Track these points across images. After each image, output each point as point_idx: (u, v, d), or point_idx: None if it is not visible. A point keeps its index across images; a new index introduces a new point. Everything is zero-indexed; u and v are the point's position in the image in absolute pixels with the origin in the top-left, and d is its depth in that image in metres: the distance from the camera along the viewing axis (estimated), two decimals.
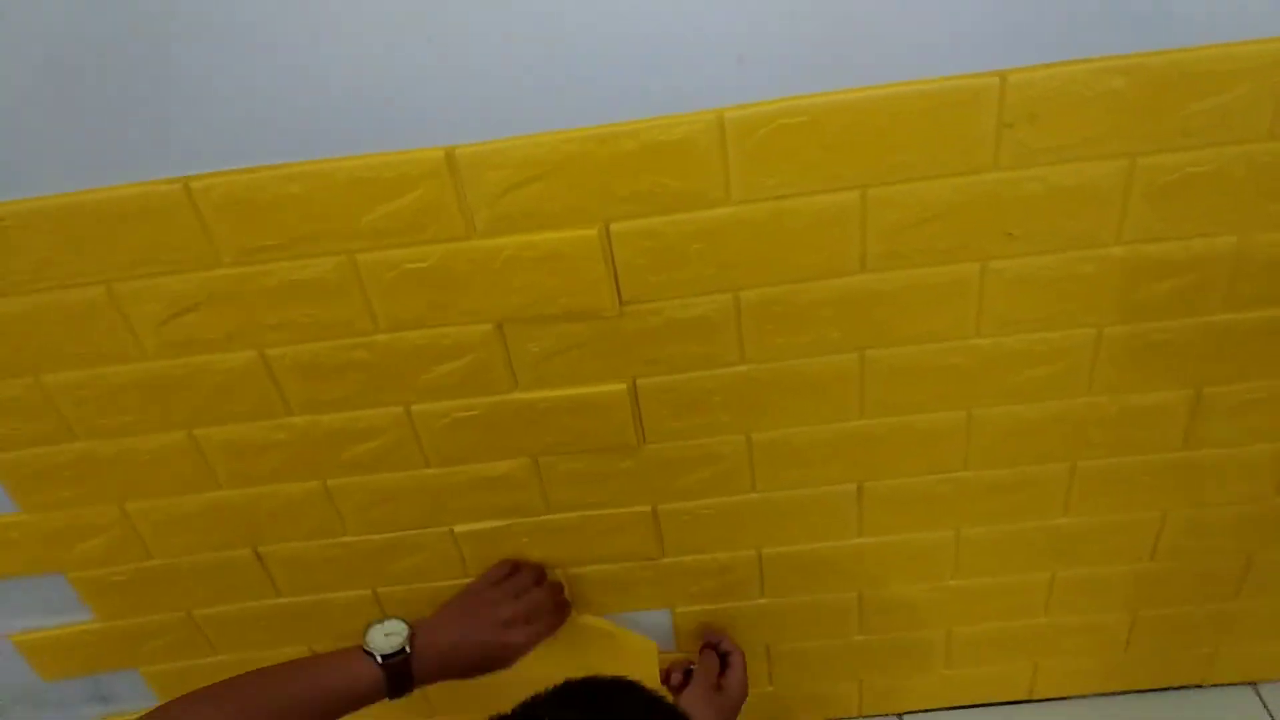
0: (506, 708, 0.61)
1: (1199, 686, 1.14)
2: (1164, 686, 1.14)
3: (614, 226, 0.76)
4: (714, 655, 1.03)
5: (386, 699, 0.86)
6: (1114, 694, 1.15)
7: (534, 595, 0.93)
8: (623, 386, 0.84)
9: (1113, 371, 0.85)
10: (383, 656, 0.83)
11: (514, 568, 0.96)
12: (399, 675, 0.84)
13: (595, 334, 0.81)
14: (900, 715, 1.17)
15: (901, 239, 0.77)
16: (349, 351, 0.81)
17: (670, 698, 0.91)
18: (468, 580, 1.00)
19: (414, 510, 0.93)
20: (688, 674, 1.01)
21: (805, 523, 0.96)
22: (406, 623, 0.88)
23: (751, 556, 0.99)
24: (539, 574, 0.97)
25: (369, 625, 0.87)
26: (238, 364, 0.82)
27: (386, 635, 0.86)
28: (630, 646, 1.07)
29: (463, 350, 0.82)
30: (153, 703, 1.10)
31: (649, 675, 1.07)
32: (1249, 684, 1.14)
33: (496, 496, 0.92)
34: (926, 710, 1.17)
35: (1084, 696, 1.15)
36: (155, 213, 0.73)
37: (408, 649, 0.85)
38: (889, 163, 0.73)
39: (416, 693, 0.86)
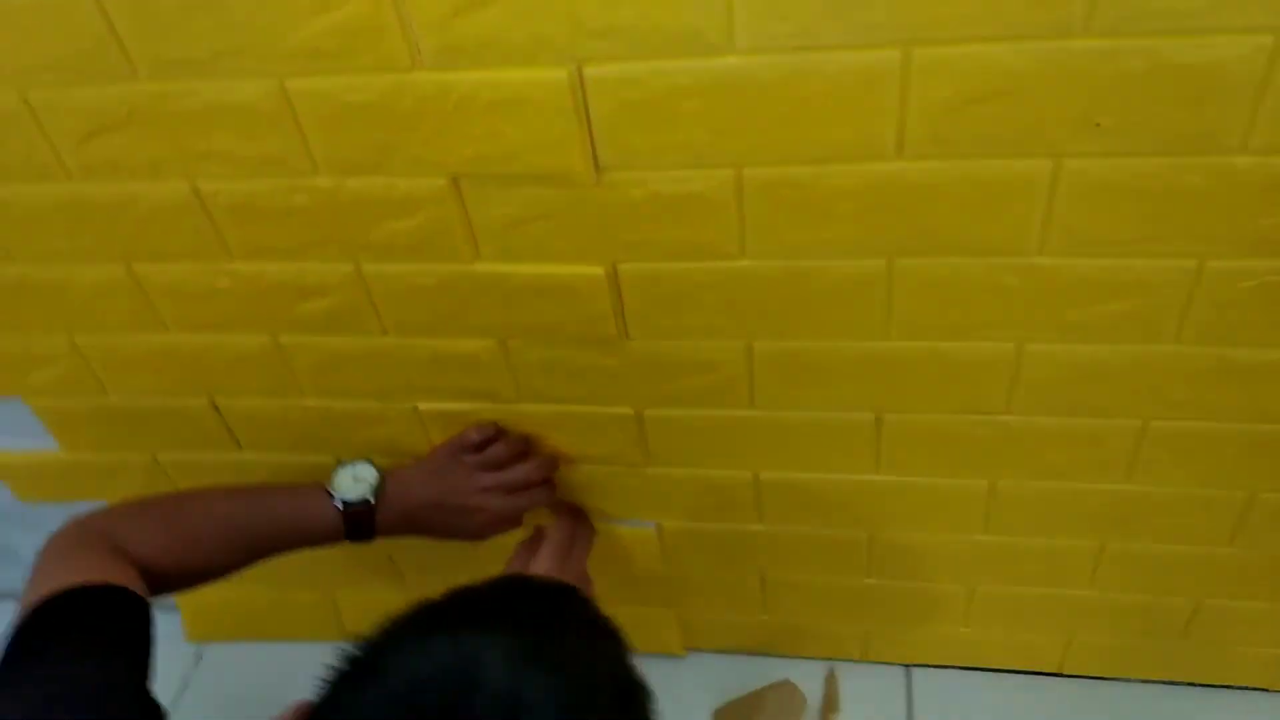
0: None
1: (1262, 690, 0.98)
2: (1219, 683, 0.99)
3: (587, 70, 0.61)
4: (569, 524, 0.87)
5: (335, 544, 0.80)
6: (1157, 682, 1.00)
7: (517, 470, 0.84)
8: (600, 270, 0.71)
9: (1212, 316, 0.67)
10: (344, 503, 0.78)
11: (499, 432, 0.85)
12: (359, 523, 0.79)
13: (568, 204, 0.68)
14: (908, 666, 1.06)
15: (952, 119, 0.60)
16: (288, 195, 0.71)
17: None
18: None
19: (373, 380, 0.84)
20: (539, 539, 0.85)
21: (811, 450, 0.83)
22: (378, 469, 0.80)
23: (747, 478, 0.87)
24: (525, 446, 0.86)
25: (339, 463, 0.81)
26: (168, 195, 0.72)
27: (355, 480, 0.79)
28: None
29: (415, 205, 0.70)
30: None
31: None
32: None
33: (463, 377, 0.82)
34: (938, 666, 1.05)
35: (1123, 680, 1.01)
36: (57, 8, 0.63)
37: (372, 500, 0.79)
38: (942, 12, 0.56)
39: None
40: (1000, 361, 0.73)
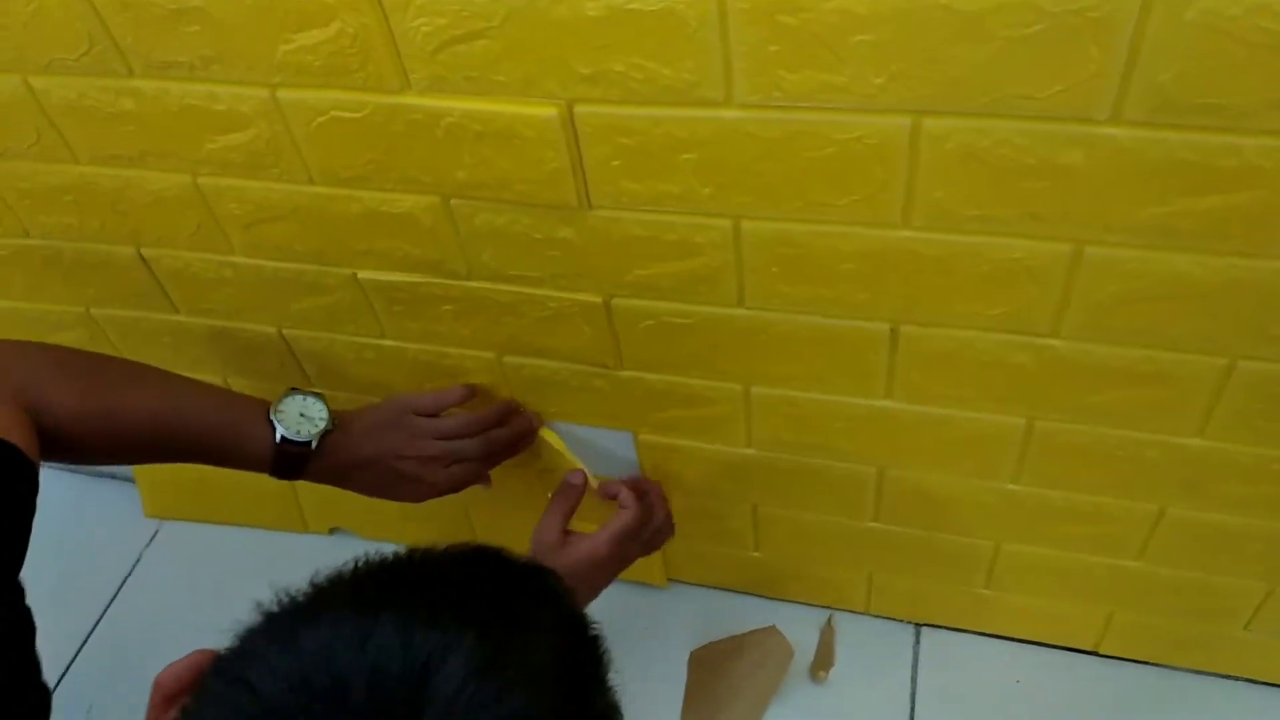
0: None
1: None
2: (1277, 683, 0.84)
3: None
4: (649, 512, 0.80)
5: (257, 471, 0.71)
6: (1202, 673, 0.85)
7: (466, 444, 0.76)
8: (553, 111, 0.57)
9: None
10: (284, 438, 0.69)
11: (467, 397, 0.78)
12: (290, 464, 0.71)
13: (512, 26, 0.54)
14: (918, 625, 0.92)
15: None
16: None
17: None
18: (386, 343, 0.80)
19: (306, 239, 0.72)
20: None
21: (808, 363, 0.69)
22: (330, 413, 0.72)
23: (736, 392, 0.73)
24: (493, 418, 0.78)
25: (291, 391, 0.73)
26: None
27: (302, 415, 0.71)
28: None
29: (330, 13, 0.56)
30: None
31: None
32: None
33: (404, 243, 0.70)
34: (951, 628, 0.91)
35: (1167, 667, 0.86)
36: None
37: (314, 445, 0.70)
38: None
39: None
40: (1053, 265, 0.57)
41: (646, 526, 0.80)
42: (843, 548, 0.85)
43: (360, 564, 0.43)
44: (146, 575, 1.07)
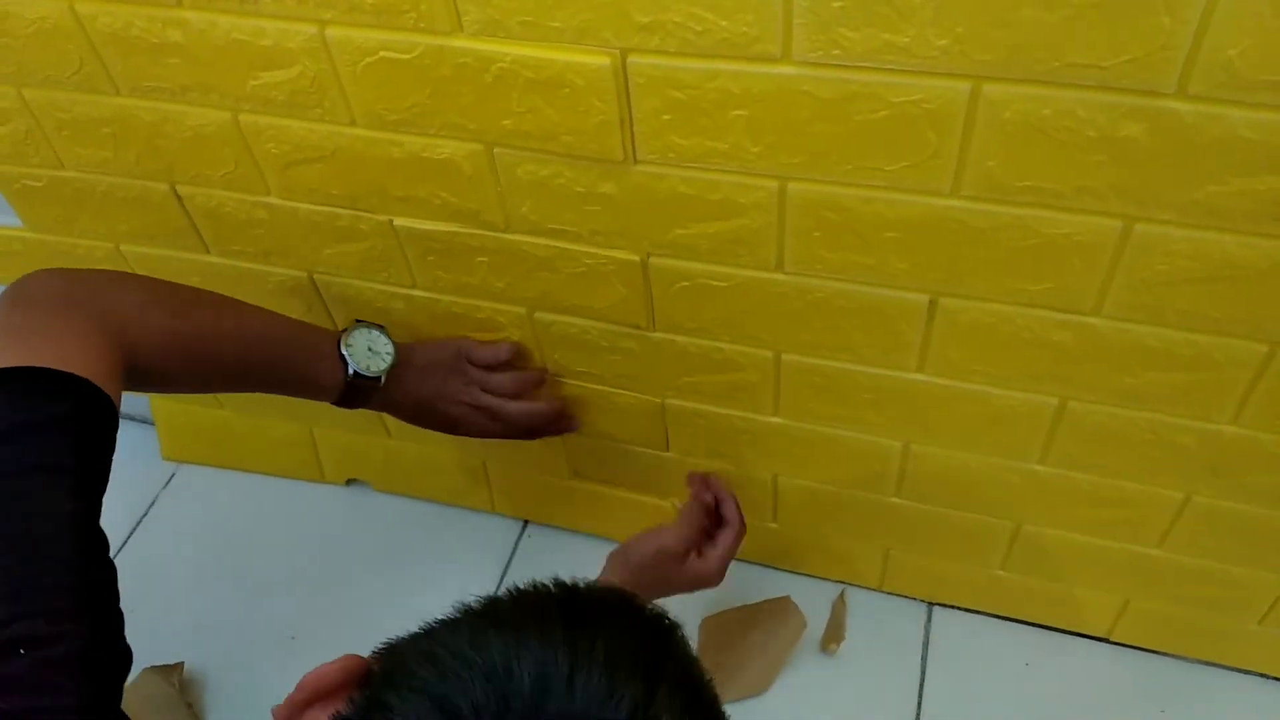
0: None
1: None
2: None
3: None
4: (702, 512, 0.80)
5: (323, 400, 0.74)
6: (1211, 665, 0.86)
7: (512, 406, 0.80)
8: (606, 60, 0.57)
9: None
10: (355, 373, 0.72)
11: (517, 355, 0.81)
12: (358, 394, 0.74)
13: None
14: (931, 605, 0.92)
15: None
16: None
17: None
18: (416, 294, 0.79)
19: (343, 182, 0.72)
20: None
21: (842, 331, 0.68)
22: (396, 347, 0.75)
23: (766, 358, 0.73)
24: (535, 380, 0.82)
25: (355, 324, 0.75)
26: None
27: (370, 350, 0.74)
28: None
29: None
30: None
31: None
32: None
33: (443, 191, 0.69)
34: (964, 609, 0.91)
35: (1177, 657, 0.86)
36: None
37: (383, 379, 0.74)
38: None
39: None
40: (1102, 242, 0.57)
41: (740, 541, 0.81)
42: (862, 522, 0.85)
43: (530, 591, 0.43)
44: (161, 518, 1.07)
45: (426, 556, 1.00)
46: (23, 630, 0.47)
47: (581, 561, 0.65)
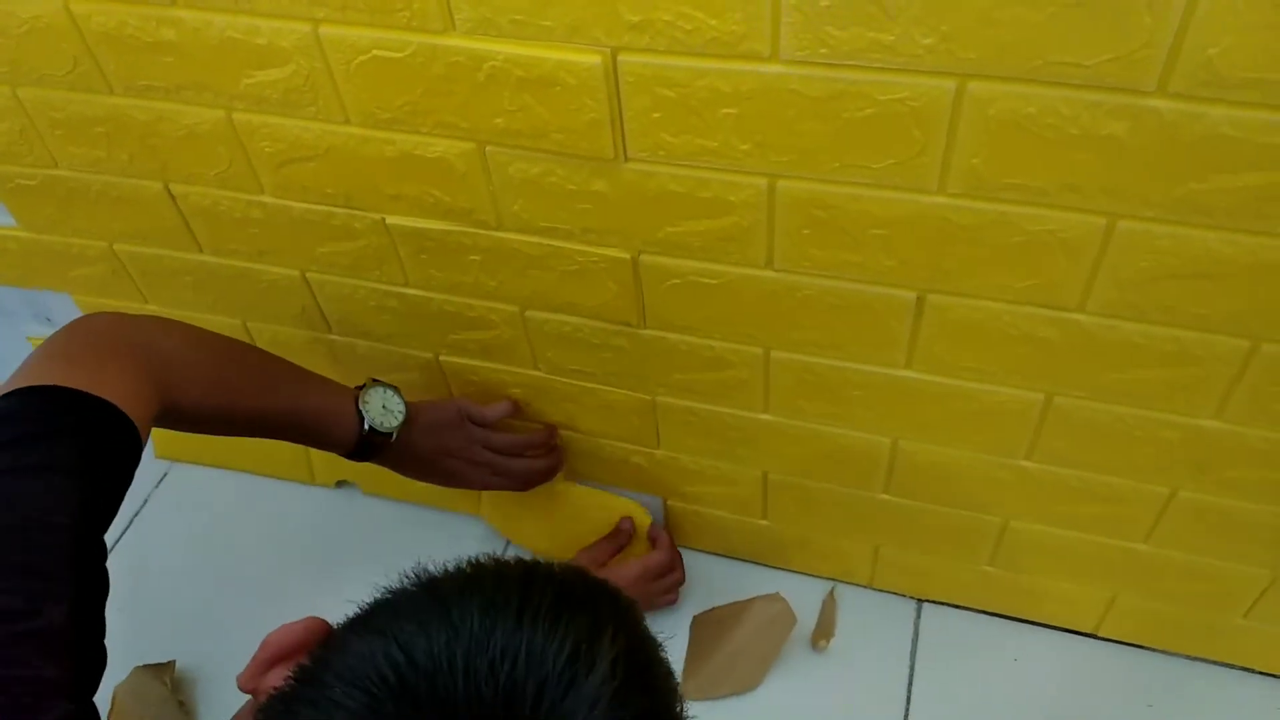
0: None
1: None
2: (1272, 672, 0.85)
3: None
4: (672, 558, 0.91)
5: (337, 453, 0.78)
6: (1197, 659, 0.87)
7: (514, 464, 0.86)
8: (597, 58, 0.57)
9: None
10: (370, 428, 0.76)
11: (515, 413, 0.88)
12: (368, 449, 0.78)
13: None
14: (920, 601, 0.93)
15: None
16: None
17: None
18: (410, 292, 0.80)
19: (337, 181, 0.72)
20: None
21: (831, 329, 0.69)
22: (406, 406, 0.80)
23: (756, 355, 0.74)
24: (537, 442, 0.88)
25: (371, 383, 0.79)
26: None
27: (384, 408, 0.78)
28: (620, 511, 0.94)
29: None
30: None
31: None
32: None
33: (436, 189, 0.70)
34: (953, 605, 0.92)
35: (1164, 652, 0.87)
36: None
37: (395, 436, 0.78)
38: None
39: None
40: (1087, 239, 0.58)
41: (668, 574, 0.90)
42: (851, 519, 0.86)
43: (485, 559, 0.44)
44: (153, 516, 1.07)
45: (414, 555, 1.00)
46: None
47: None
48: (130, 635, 0.97)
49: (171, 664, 0.92)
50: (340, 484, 1.07)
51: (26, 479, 0.52)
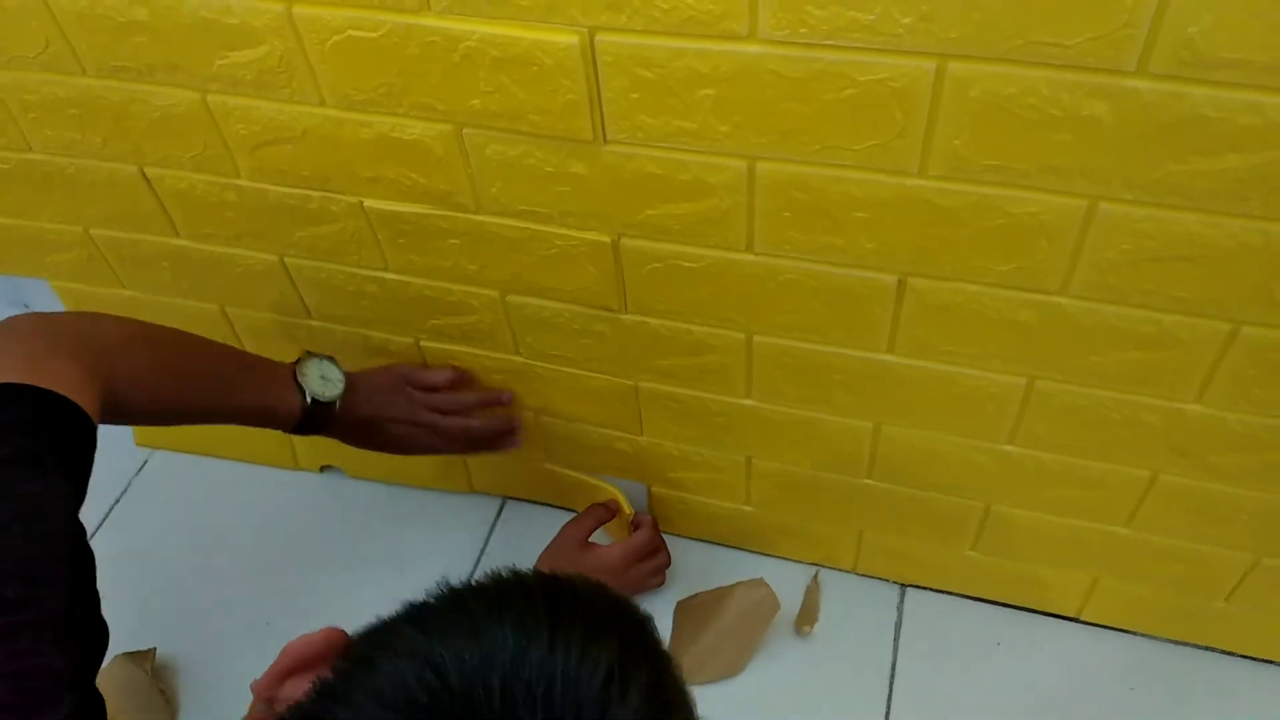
0: None
1: None
2: (1252, 655, 0.85)
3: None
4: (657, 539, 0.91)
5: (284, 430, 0.78)
6: (1179, 644, 0.87)
7: (448, 423, 0.86)
8: (574, 38, 0.56)
9: None
10: (313, 399, 0.76)
11: (459, 381, 0.87)
12: (314, 421, 0.78)
13: None
14: (904, 586, 0.93)
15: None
16: None
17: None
18: (388, 276, 0.79)
19: (313, 163, 0.71)
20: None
21: (813, 312, 0.69)
22: (344, 375, 0.80)
23: (738, 340, 0.73)
24: (480, 402, 0.88)
25: (306, 355, 0.78)
26: None
27: (323, 378, 0.78)
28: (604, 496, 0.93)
29: None
30: None
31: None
32: None
33: (413, 172, 0.69)
34: (936, 590, 0.92)
35: (1146, 636, 0.88)
36: None
37: (337, 405, 0.78)
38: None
39: None
40: (1068, 222, 0.57)
41: (653, 557, 0.90)
42: (834, 504, 0.86)
43: (507, 574, 0.44)
44: (134, 504, 1.06)
45: (401, 541, 1.00)
46: None
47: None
48: (111, 623, 0.96)
49: (152, 651, 0.91)
50: (325, 468, 1.07)
51: (1, 471, 0.53)
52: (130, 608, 0.96)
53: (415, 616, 0.41)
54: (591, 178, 0.64)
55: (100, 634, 0.53)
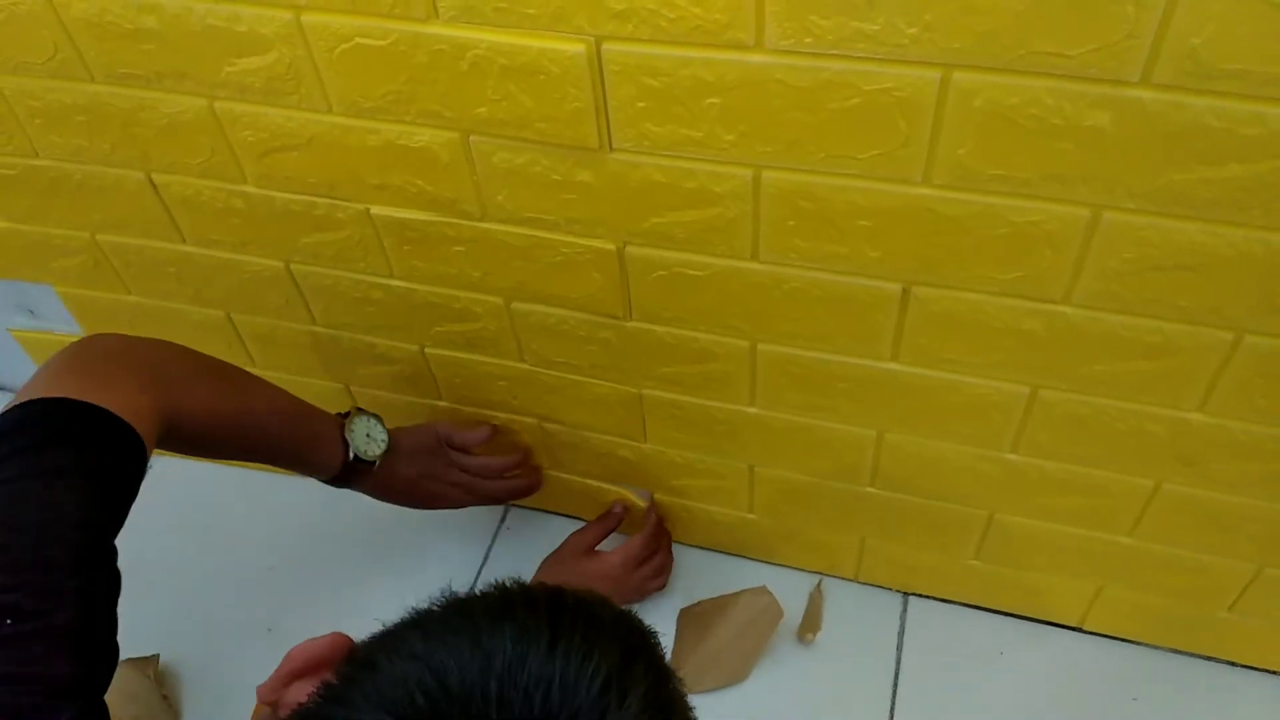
0: None
1: None
2: (1256, 666, 0.85)
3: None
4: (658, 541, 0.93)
5: (317, 479, 0.79)
6: (1181, 653, 0.87)
7: (489, 485, 0.89)
8: (580, 47, 0.57)
9: None
10: (355, 456, 0.78)
11: (494, 436, 0.90)
12: (351, 476, 0.79)
13: None
14: (906, 595, 0.93)
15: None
16: None
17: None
18: (394, 283, 0.79)
19: (320, 170, 0.72)
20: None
21: (817, 321, 0.69)
22: (388, 434, 0.81)
23: (742, 348, 0.73)
24: (511, 465, 0.91)
25: (355, 412, 0.80)
26: None
27: (368, 437, 0.80)
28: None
29: None
30: (79, 332, 1.00)
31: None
32: None
33: (420, 179, 0.69)
34: (939, 599, 0.92)
35: (1148, 646, 0.88)
36: None
37: (377, 464, 0.80)
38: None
39: None
40: (1072, 230, 0.58)
41: (653, 559, 0.91)
42: (837, 512, 0.86)
43: (511, 584, 0.44)
44: (139, 508, 1.05)
45: (403, 548, 1.00)
46: (9, 600, 0.49)
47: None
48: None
49: (155, 658, 0.91)
50: None
51: (35, 483, 0.54)
52: (134, 613, 0.96)
53: (418, 622, 0.41)
54: (597, 185, 0.65)
55: (109, 655, 0.53)
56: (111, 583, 0.55)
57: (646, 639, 0.44)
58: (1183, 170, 0.52)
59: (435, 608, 0.42)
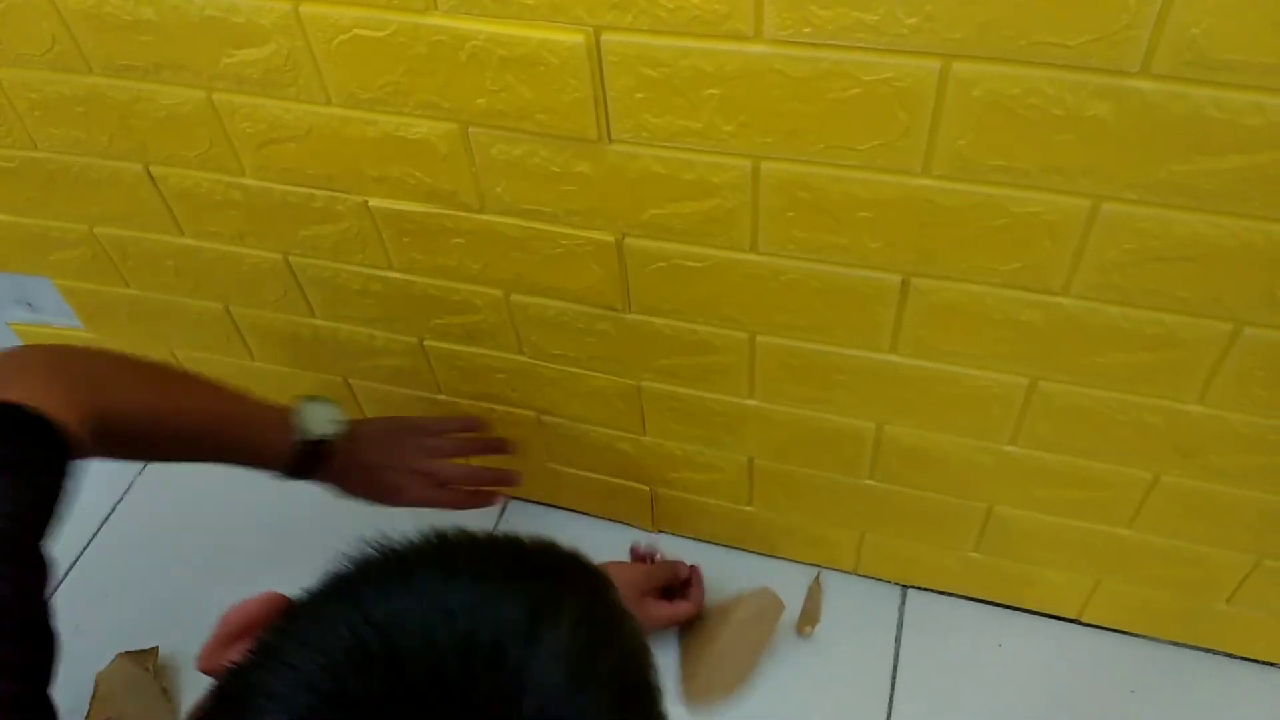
0: None
1: None
2: (1255, 658, 0.85)
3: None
4: (674, 570, 0.90)
5: (277, 474, 0.77)
6: (1180, 645, 0.87)
7: (457, 469, 0.85)
8: (579, 37, 0.57)
9: None
10: (305, 439, 0.76)
11: (467, 426, 0.88)
12: (306, 461, 0.77)
13: None
14: (904, 587, 0.93)
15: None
16: None
17: None
18: (393, 275, 0.79)
19: (318, 162, 0.72)
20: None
21: (816, 312, 0.69)
22: (345, 420, 0.79)
23: (741, 340, 0.73)
24: (479, 446, 0.88)
25: (306, 398, 0.78)
26: None
27: (318, 418, 0.77)
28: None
29: None
30: (77, 325, 1.00)
31: None
32: None
33: (419, 170, 0.69)
34: (938, 591, 0.92)
35: (1146, 638, 0.88)
36: None
37: (333, 441, 0.77)
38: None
39: None
40: (1072, 221, 0.58)
41: (673, 592, 0.90)
42: (837, 505, 0.86)
43: (452, 530, 0.43)
44: (136, 503, 1.06)
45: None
46: None
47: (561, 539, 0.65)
48: (113, 622, 0.97)
49: (154, 650, 0.91)
50: None
51: None
52: (132, 606, 0.97)
53: (348, 568, 0.41)
54: (596, 177, 0.65)
55: (46, 640, 0.52)
56: (40, 570, 0.54)
57: (590, 575, 0.42)
58: (1183, 161, 0.52)
59: (367, 553, 0.41)
